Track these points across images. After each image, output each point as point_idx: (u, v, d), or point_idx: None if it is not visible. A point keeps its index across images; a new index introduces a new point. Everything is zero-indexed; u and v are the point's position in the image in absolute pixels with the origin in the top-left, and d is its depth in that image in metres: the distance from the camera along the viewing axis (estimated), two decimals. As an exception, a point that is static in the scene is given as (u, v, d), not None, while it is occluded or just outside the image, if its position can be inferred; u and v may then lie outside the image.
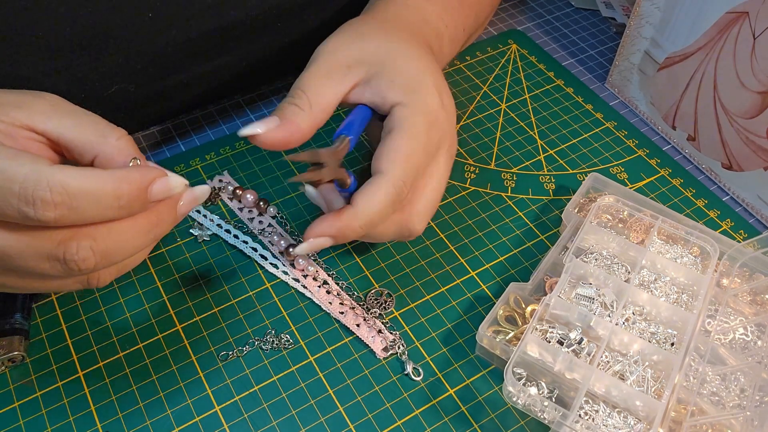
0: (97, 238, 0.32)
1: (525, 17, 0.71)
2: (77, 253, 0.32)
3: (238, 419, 0.41)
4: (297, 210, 0.52)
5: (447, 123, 0.43)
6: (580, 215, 0.49)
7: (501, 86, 0.62)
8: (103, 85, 0.48)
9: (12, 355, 0.42)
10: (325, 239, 0.39)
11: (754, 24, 0.48)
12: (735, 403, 0.40)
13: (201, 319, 0.45)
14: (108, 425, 0.41)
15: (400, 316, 0.46)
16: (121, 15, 0.45)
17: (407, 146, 0.39)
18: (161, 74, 0.50)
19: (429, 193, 0.43)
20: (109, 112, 0.51)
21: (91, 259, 0.32)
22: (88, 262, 0.32)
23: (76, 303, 0.45)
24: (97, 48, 0.46)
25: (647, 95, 0.59)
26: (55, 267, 0.32)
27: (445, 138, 0.43)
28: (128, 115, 0.52)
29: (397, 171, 0.39)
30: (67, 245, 0.32)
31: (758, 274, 0.46)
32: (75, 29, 0.44)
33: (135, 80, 0.49)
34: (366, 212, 0.39)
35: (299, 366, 0.44)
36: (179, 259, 0.48)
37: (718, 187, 0.56)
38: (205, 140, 0.57)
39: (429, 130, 0.41)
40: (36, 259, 0.32)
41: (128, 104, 0.51)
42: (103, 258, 0.33)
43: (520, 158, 0.57)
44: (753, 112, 0.50)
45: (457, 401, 0.42)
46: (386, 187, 0.39)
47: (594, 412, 0.40)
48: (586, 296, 0.44)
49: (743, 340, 0.43)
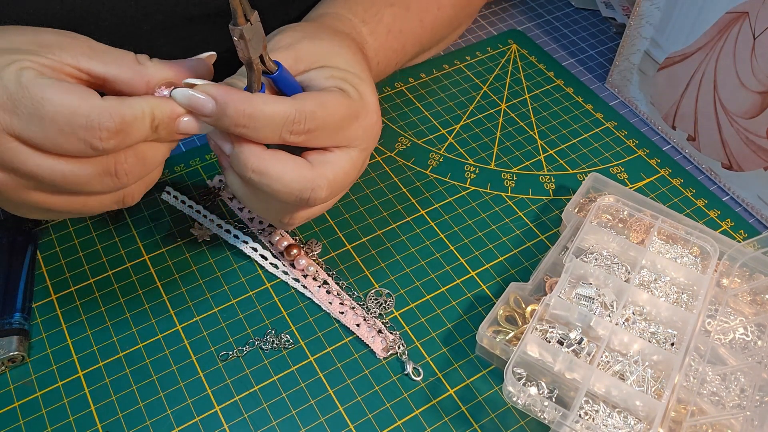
0: (137, 150, 0.36)
1: (525, 17, 0.71)
2: (126, 161, 0.36)
3: (238, 419, 0.41)
4: (297, 210, 0.52)
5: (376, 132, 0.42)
6: (580, 215, 0.49)
7: (501, 86, 0.62)
8: None
9: (12, 355, 0.42)
10: (205, 99, 0.36)
11: (754, 24, 0.48)
12: (735, 403, 0.40)
13: (201, 319, 0.45)
14: (108, 425, 0.41)
15: (400, 316, 0.46)
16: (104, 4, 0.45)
17: (333, 98, 0.39)
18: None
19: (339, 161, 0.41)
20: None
21: (135, 167, 0.36)
22: (133, 172, 0.36)
23: (76, 303, 0.46)
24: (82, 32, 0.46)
25: (647, 95, 0.59)
26: (105, 182, 0.36)
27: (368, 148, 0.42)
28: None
29: (308, 105, 0.38)
30: (117, 158, 0.36)
31: (758, 274, 0.46)
32: (60, 13, 0.44)
33: None
34: (258, 105, 0.36)
35: (299, 366, 0.44)
36: (179, 259, 0.48)
37: (718, 187, 0.56)
38: (205, 140, 0.57)
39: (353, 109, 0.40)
40: (95, 179, 0.36)
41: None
42: (143, 166, 0.37)
43: (520, 158, 0.57)
44: (753, 112, 0.50)
45: (457, 401, 0.42)
46: (289, 103, 0.37)
47: (594, 412, 0.40)
48: (586, 296, 0.44)
49: (743, 340, 0.43)
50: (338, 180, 0.40)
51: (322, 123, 0.38)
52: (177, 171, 0.54)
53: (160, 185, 0.52)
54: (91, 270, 0.47)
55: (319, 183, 0.39)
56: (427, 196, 0.53)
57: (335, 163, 0.40)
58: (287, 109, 0.37)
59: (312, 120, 0.38)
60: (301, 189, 0.39)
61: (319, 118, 0.38)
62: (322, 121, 0.38)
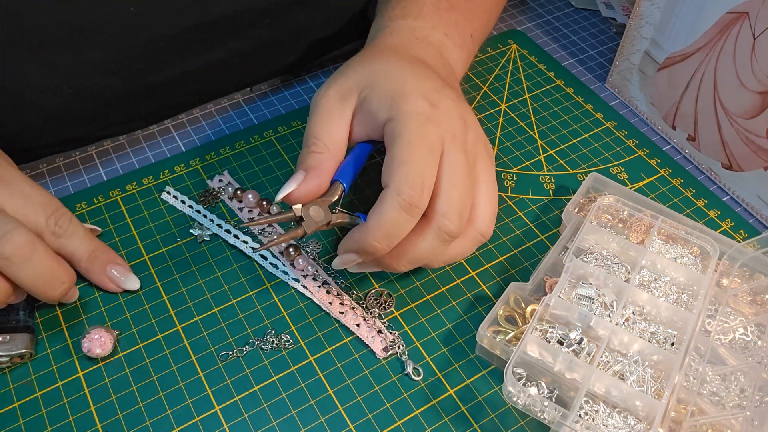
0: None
1: (525, 17, 0.71)
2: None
3: (238, 419, 0.41)
4: (297, 210, 0.52)
5: (448, 121, 0.42)
6: (580, 215, 0.49)
7: (501, 86, 0.62)
8: (89, 78, 0.48)
9: (21, 351, 0.42)
10: (349, 255, 0.42)
11: (754, 24, 0.48)
12: (735, 403, 0.40)
13: (201, 319, 0.45)
14: (108, 425, 0.41)
15: (400, 316, 0.46)
16: (106, 9, 0.45)
17: (401, 153, 0.40)
18: (148, 69, 0.50)
19: (479, 192, 0.43)
20: (98, 107, 0.51)
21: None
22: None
23: (76, 303, 0.46)
24: (82, 42, 0.46)
25: (647, 95, 0.59)
26: None
27: (456, 135, 0.42)
28: (117, 110, 0.52)
29: (397, 178, 0.39)
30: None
31: (758, 274, 0.46)
32: (60, 23, 0.44)
33: (122, 74, 0.49)
34: (375, 224, 0.39)
35: (299, 366, 0.44)
36: (179, 259, 0.48)
37: (718, 187, 0.56)
38: (206, 140, 0.57)
39: (421, 131, 0.40)
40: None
41: (116, 99, 0.51)
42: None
43: (520, 158, 0.57)
44: (753, 112, 0.50)
45: (457, 401, 0.42)
46: (390, 196, 0.39)
47: (594, 412, 0.40)
48: (586, 296, 0.44)
49: (743, 340, 0.43)
50: (483, 198, 0.43)
51: (416, 180, 0.39)
52: (177, 171, 0.54)
53: (160, 185, 0.52)
54: (91, 270, 0.47)
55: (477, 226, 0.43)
56: (427, 196, 0.53)
57: (457, 189, 0.41)
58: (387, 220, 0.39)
59: (413, 189, 0.39)
60: (473, 243, 0.44)
61: (415, 184, 0.39)
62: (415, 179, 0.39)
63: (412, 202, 0.39)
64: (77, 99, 0.49)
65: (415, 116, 0.41)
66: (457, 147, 0.41)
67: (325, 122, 0.43)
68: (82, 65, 0.47)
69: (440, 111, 0.42)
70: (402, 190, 0.39)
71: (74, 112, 0.50)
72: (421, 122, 0.40)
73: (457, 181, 0.41)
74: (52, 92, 0.47)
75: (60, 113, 0.49)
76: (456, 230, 0.41)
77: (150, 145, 0.56)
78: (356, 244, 0.41)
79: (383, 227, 0.39)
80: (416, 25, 0.49)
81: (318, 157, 0.42)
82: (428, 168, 0.40)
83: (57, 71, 0.46)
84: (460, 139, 0.42)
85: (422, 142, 0.40)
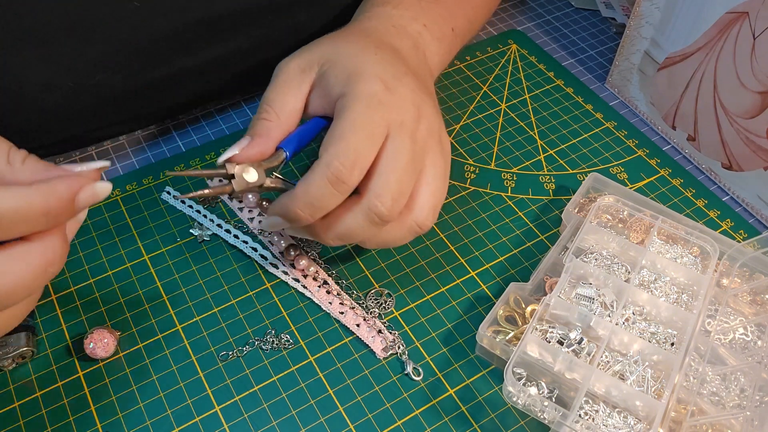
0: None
1: (525, 17, 0.71)
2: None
3: (238, 419, 0.41)
4: (297, 210, 0.52)
5: (400, 107, 0.42)
6: (580, 215, 0.49)
7: (501, 86, 0.62)
8: (89, 75, 0.48)
9: (22, 351, 0.42)
10: (276, 218, 0.42)
11: (754, 24, 0.48)
12: (735, 403, 0.40)
13: (201, 319, 0.45)
14: (108, 425, 0.41)
15: (400, 316, 0.46)
16: (107, 5, 0.45)
17: (340, 128, 0.40)
18: (148, 66, 0.50)
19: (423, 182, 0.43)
20: (98, 104, 0.51)
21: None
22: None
23: (76, 303, 0.46)
24: (83, 37, 0.46)
25: (647, 95, 0.59)
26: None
27: (405, 122, 0.41)
28: (116, 107, 0.52)
29: (330, 151, 0.39)
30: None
31: (758, 274, 0.46)
32: (61, 17, 0.44)
33: (121, 71, 0.49)
34: (300, 192, 0.40)
35: (299, 366, 0.44)
36: (179, 259, 0.48)
37: (718, 187, 0.56)
38: (205, 140, 0.57)
39: (367, 112, 0.40)
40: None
41: (116, 96, 0.51)
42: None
43: (520, 158, 0.57)
44: (753, 112, 0.50)
45: (457, 401, 0.42)
46: (319, 167, 0.39)
47: (594, 412, 0.40)
48: (586, 296, 0.44)
49: (743, 340, 0.43)
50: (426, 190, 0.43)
51: (348, 156, 0.39)
52: (177, 171, 0.54)
53: (160, 185, 0.52)
54: (91, 270, 0.47)
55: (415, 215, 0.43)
56: (427, 196, 0.53)
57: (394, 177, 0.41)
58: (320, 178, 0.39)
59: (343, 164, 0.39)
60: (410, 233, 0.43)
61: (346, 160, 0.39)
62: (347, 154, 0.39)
63: (339, 177, 0.39)
64: (76, 96, 0.49)
65: (366, 97, 0.41)
66: (404, 134, 0.41)
67: (280, 92, 0.43)
68: (82, 62, 0.47)
69: (394, 96, 0.42)
70: (332, 164, 0.39)
71: (73, 109, 0.50)
72: (369, 103, 0.40)
73: (397, 166, 0.40)
74: (52, 89, 0.47)
75: (59, 111, 0.49)
76: (387, 214, 0.40)
77: (150, 145, 0.56)
78: (282, 209, 0.41)
79: (307, 197, 0.39)
80: (395, 14, 0.49)
81: (266, 124, 0.42)
82: (364, 147, 0.40)
83: (58, 66, 0.46)
84: (409, 126, 0.42)
85: (365, 122, 0.40)
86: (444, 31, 0.52)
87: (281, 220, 0.42)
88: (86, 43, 0.46)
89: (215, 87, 0.58)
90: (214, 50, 0.53)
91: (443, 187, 0.44)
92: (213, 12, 0.50)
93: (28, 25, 0.44)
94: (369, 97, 0.41)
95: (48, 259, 0.32)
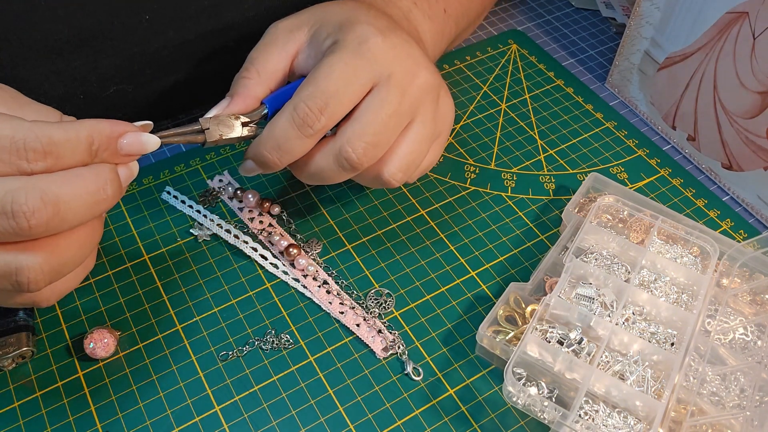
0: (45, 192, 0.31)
1: (525, 17, 0.71)
2: (26, 202, 0.30)
3: (238, 419, 0.41)
4: (297, 210, 0.52)
5: (393, 58, 0.40)
6: (580, 215, 0.49)
7: (501, 86, 0.62)
8: (101, 86, 0.48)
9: (22, 351, 0.42)
10: (249, 162, 0.42)
11: (754, 24, 0.48)
12: (735, 403, 0.40)
13: (201, 319, 0.45)
14: (108, 425, 0.41)
15: (400, 316, 0.46)
16: (118, 16, 0.45)
17: (316, 72, 0.39)
18: (159, 75, 0.51)
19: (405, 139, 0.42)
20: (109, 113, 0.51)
21: (42, 211, 0.30)
22: (38, 215, 0.30)
23: (76, 303, 0.46)
24: (95, 49, 0.46)
25: (647, 95, 0.59)
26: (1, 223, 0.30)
27: (395, 74, 0.40)
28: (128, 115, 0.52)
29: (300, 93, 0.39)
30: (15, 193, 0.30)
31: (758, 274, 0.46)
32: (73, 31, 0.44)
33: (133, 81, 0.50)
34: (266, 134, 0.40)
35: (299, 366, 0.44)
36: (179, 259, 0.48)
37: (718, 187, 0.56)
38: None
39: (350, 60, 0.39)
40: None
41: (127, 105, 0.51)
42: (54, 214, 0.31)
43: (520, 158, 0.57)
44: (753, 112, 0.50)
45: (457, 401, 0.42)
46: (287, 109, 0.39)
47: (594, 412, 0.40)
48: (586, 296, 0.44)
49: (743, 340, 0.43)
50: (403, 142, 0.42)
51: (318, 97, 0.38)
52: (177, 171, 0.54)
53: (160, 185, 0.52)
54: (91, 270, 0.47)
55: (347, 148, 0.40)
56: (427, 196, 0.53)
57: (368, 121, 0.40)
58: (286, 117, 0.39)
59: (309, 106, 0.38)
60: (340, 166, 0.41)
61: (314, 101, 0.38)
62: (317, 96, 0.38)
63: (305, 121, 0.38)
64: (89, 107, 0.49)
65: (353, 42, 0.40)
66: (392, 86, 0.40)
67: (264, 50, 0.43)
68: (95, 72, 0.47)
69: (386, 43, 0.40)
70: (299, 106, 0.39)
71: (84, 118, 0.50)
72: (355, 50, 0.40)
73: (376, 116, 0.39)
74: (66, 102, 0.47)
75: None
76: (357, 161, 0.40)
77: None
78: (251, 151, 0.41)
79: (272, 138, 0.39)
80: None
81: (246, 82, 0.42)
82: (338, 93, 0.39)
83: (70, 78, 0.46)
84: (399, 78, 0.40)
85: (343, 68, 0.39)
86: (435, 10, 0.51)
87: (253, 164, 0.42)
88: (99, 56, 0.47)
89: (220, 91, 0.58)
90: (224, 59, 0.53)
91: (425, 148, 0.43)
92: (223, 22, 0.50)
93: (44, 40, 0.44)
94: (357, 44, 0.40)
95: (101, 182, 0.33)
